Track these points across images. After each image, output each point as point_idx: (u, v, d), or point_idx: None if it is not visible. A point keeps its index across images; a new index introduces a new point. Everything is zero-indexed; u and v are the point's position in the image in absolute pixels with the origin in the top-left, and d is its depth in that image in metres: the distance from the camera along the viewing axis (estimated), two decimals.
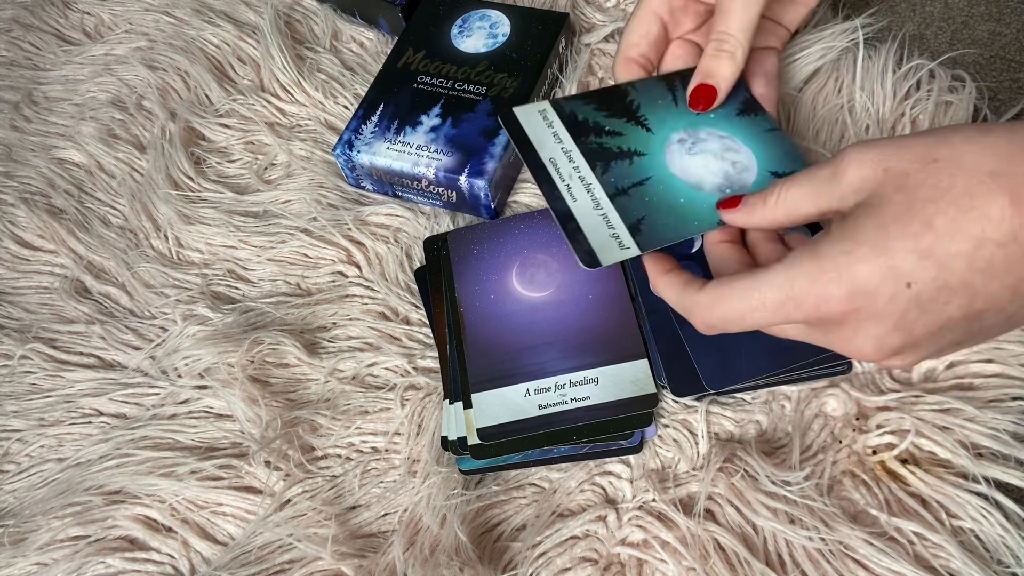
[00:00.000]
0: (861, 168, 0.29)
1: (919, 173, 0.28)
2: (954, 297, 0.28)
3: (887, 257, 0.28)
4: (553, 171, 0.38)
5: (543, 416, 0.41)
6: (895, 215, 0.28)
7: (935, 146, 0.28)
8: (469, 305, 0.46)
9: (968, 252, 0.27)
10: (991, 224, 0.27)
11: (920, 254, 0.27)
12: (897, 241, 0.28)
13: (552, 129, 0.39)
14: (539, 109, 0.40)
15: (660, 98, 0.42)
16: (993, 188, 0.27)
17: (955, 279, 0.27)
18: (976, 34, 0.55)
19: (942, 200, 0.27)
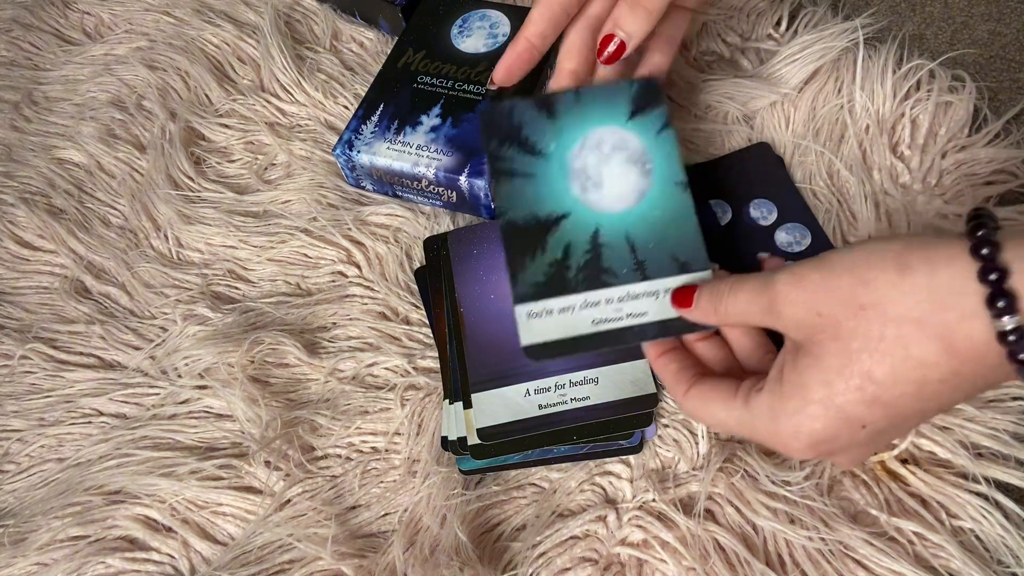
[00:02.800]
0: (796, 310, 0.30)
1: (849, 321, 0.29)
2: (909, 420, 0.30)
3: (837, 410, 0.29)
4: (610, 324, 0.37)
5: (543, 416, 0.41)
6: (836, 368, 0.29)
7: (859, 290, 0.29)
8: (469, 305, 0.46)
9: (913, 392, 0.28)
10: (930, 369, 0.28)
11: (867, 403, 0.29)
12: (842, 396, 0.29)
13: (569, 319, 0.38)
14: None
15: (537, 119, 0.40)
16: (923, 337, 0.27)
17: (907, 410, 0.29)
18: (976, 34, 0.55)
19: (876, 351, 0.28)
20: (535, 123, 0.40)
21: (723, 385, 0.34)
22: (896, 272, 0.28)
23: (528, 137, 0.40)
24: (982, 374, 0.28)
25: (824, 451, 0.31)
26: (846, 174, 0.48)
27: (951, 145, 0.49)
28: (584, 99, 0.40)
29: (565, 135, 0.40)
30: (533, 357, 0.36)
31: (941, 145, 0.49)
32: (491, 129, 0.40)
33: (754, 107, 0.52)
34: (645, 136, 0.40)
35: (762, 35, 0.56)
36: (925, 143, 0.49)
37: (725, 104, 0.52)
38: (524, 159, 0.40)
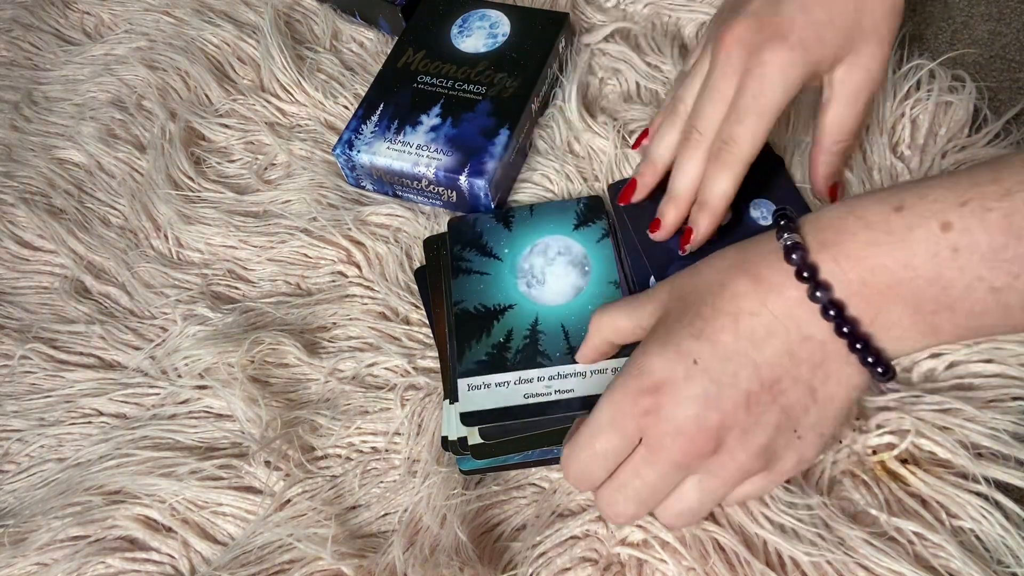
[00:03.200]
0: (659, 295, 0.36)
1: (688, 282, 0.35)
2: (739, 368, 0.32)
3: (671, 345, 0.33)
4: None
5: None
6: (675, 315, 0.34)
7: (698, 265, 0.36)
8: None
9: (729, 326, 0.32)
10: (741, 298, 0.33)
11: (694, 336, 0.33)
12: (675, 333, 0.33)
13: None
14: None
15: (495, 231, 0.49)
16: (736, 274, 0.33)
17: (728, 350, 0.32)
18: (976, 34, 0.55)
19: (705, 294, 0.34)
20: (493, 232, 0.49)
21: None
22: (718, 255, 0.36)
23: (487, 243, 0.48)
24: (790, 313, 0.32)
25: (665, 389, 0.32)
26: (847, 173, 0.48)
27: (951, 145, 0.49)
28: (537, 213, 0.49)
29: (518, 242, 0.48)
30: (468, 424, 0.41)
31: (941, 145, 0.49)
32: (457, 235, 0.49)
33: None
34: (587, 243, 0.48)
35: None
36: (925, 143, 0.49)
37: None
38: (482, 260, 0.48)
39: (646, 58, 0.56)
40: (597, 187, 0.51)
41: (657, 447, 0.33)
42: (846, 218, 0.31)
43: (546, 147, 0.54)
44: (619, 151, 0.52)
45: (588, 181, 0.52)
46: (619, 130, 0.52)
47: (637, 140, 0.51)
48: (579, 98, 0.54)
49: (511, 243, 0.48)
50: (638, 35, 0.58)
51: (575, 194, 0.51)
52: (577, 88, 0.54)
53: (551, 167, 0.53)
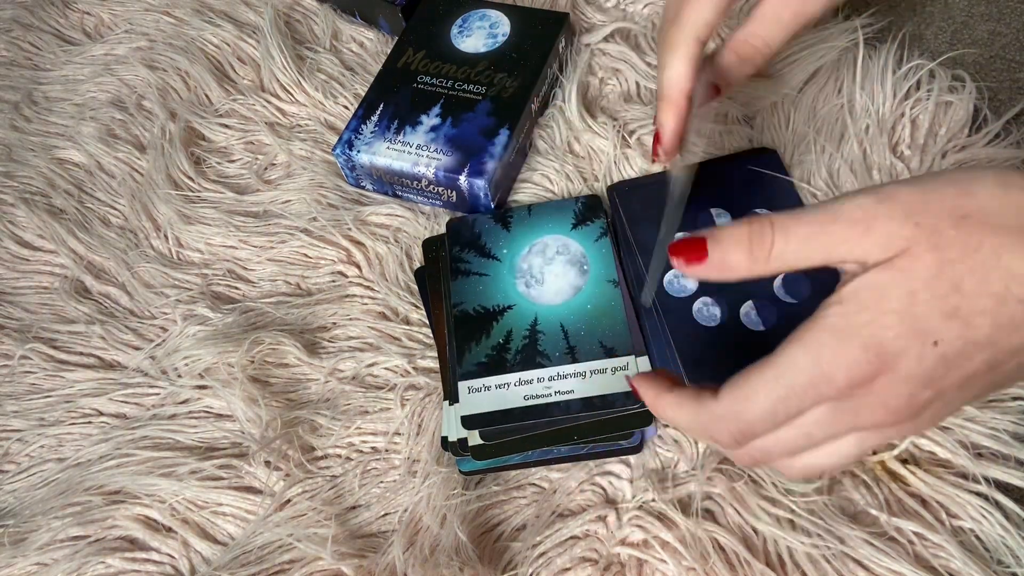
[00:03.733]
0: (890, 224, 0.28)
1: (951, 230, 0.27)
2: (978, 352, 0.28)
3: (913, 319, 0.27)
4: None
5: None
6: (925, 279, 0.27)
7: (962, 199, 0.27)
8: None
9: (992, 309, 0.27)
10: (1015, 281, 0.26)
11: (946, 314, 0.27)
12: (924, 306, 0.27)
13: None
14: None
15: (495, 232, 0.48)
16: (1018, 246, 0.26)
17: (980, 335, 0.27)
18: (976, 34, 0.54)
19: (971, 260, 0.27)
20: (492, 233, 0.49)
21: (754, 366, 0.30)
22: (999, 187, 0.27)
23: (485, 244, 0.48)
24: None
25: (889, 365, 0.27)
26: (847, 173, 0.48)
27: (951, 145, 0.49)
28: (535, 213, 0.49)
29: (516, 242, 0.48)
30: (469, 427, 0.41)
31: (941, 145, 0.49)
32: (455, 237, 0.49)
33: (754, 107, 0.52)
34: (585, 242, 0.47)
35: None
36: (925, 143, 0.49)
37: (725, 104, 0.52)
38: (480, 261, 0.48)
39: (646, 58, 0.56)
40: (597, 187, 0.51)
41: (850, 412, 0.29)
42: None
43: (546, 147, 0.54)
44: (619, 151, 0.52)
45: (588, 181, 0.52)
46: (619, 130, 0.52)
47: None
48: (579, 98, 0.54)
49: (510, 243, 0.48)
50: (638, 35, 0.58)
51: (575, 194, 0.51)
52: (577, 88, 0.54)
53: (551, 167, 0.53)
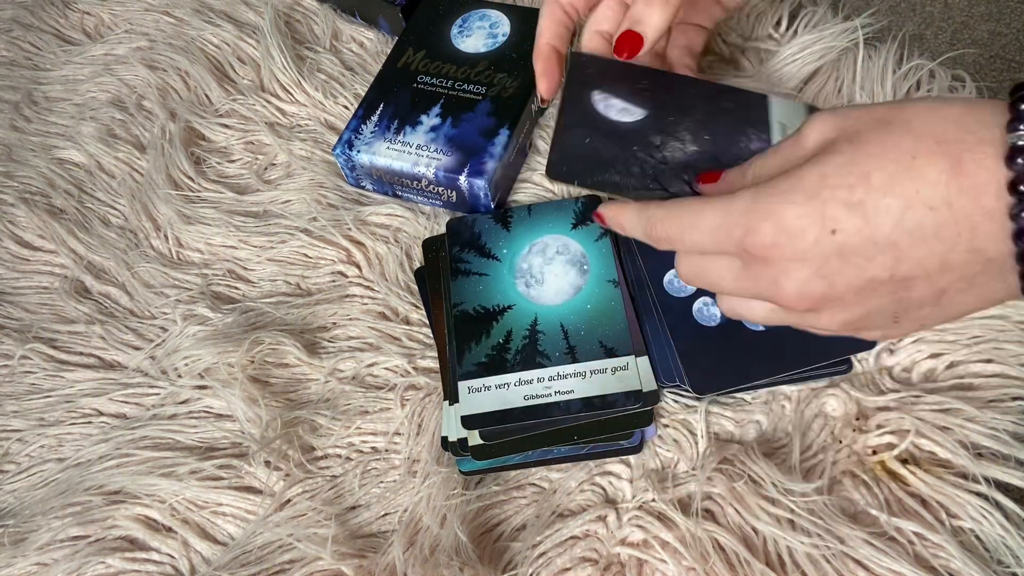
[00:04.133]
0: (822, 127, 0.30)
1: (871, 131, 0.28)
2: (878, 254, 0.28)
3: (818, 202, 0.28)
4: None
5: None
6: (837, 165, 0.28)
7: (894, 110, 0.29)
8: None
9: (898, 209, 0.27)
10: (926, 186, 0.27)
11: (850, 204, 0.28)
12: (831, 190, 0.28)
13: None
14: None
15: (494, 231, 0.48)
16: (936, 152, 0.27)
17: (880, 234, 0.28)
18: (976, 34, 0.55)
19: (883, 157, 0.28)
20: (492, 233, 0.49)
21: (696, 198, 0.33)
22: (935, 102, 0.28)
23: (485, 244, 0.48)
24: (971, 222, 0.27)
25: (784, 243, 0.29)
26: None
27: None
28: (535, 213, 0.49)
29: (516, 242, 0.48)
30: (469, 427, 0.41)
31: None
32: (455, 237, 0.49)
33: None
34: (585, 242, 0.47)
35: (762, 35, 0.56)
36: None
37: None
38: (480, 261, 0.48)
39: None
40: None
41: (751, 278, 0.31)
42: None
43: (546, 147, 0.54)
44: None
45: None
46: None
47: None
48: None
49: (509, 243, 0.48)
50: None
51: (575, 194, 0.51)
52: None
53: None
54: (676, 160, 0.38)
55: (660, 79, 0.41)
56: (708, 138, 0.39)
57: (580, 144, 0.39)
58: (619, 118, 0.40)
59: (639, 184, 0.38)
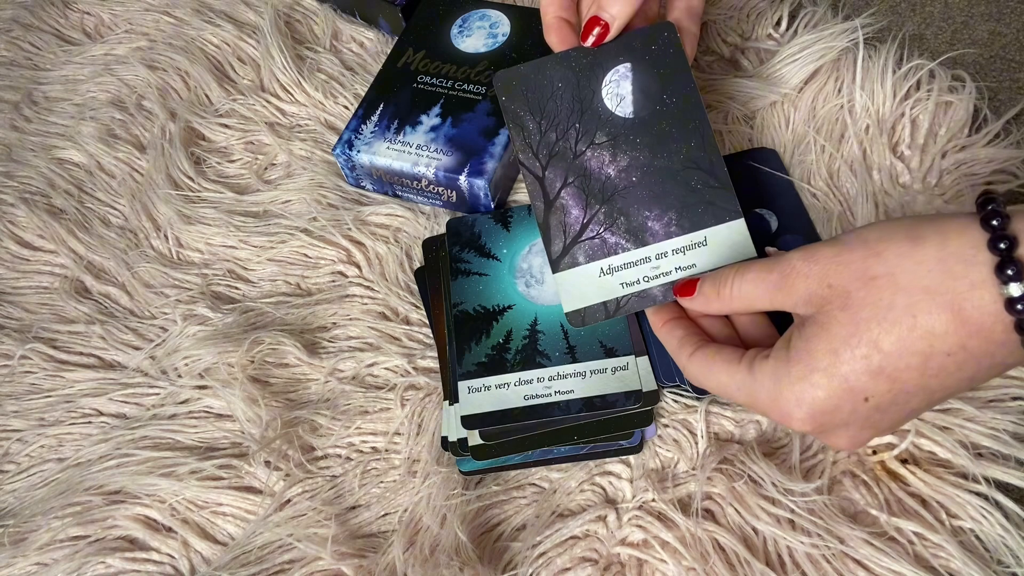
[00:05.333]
0: (808, 283, 0.31)
1: (860, 291, 0.29)
2: (912, 399, 0.30)
3: (841, 379, 0.29)
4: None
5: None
6: (843, 337, 0.29)
7: (871, 261, 0.29)
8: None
9: (918, 365, 0.28)
10: (937, 339, 0.28)
11: (872, 374, 0.29)
12: (847, 365, 0.29)
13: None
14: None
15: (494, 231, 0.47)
16: (933, 305, 0.27)
17: (910, 386, 0.29)
18: (976, 34, 0.55)
19: (884, 320, 0.28)
20: (492, 233, 0.48)
21: (727, 351, 0.34)
22: (908, 243, 0.28)
23: (485, 244, 0.48)
24: (989, 351, 0.28)
25: (824, 423, 0.31)
26: (847, 173, 0.48)
27: (951, 145, 0.49)
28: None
29: (516, 242, 0.48)
30: (469, 427, 0.41)
31: (941, 145, 0.49)
32: (455, 237, 0.49)
33: (754, 107, 0.52)
34: None
35: (762, 35, 0.56)
36: (925, 143, 0.49)
37: (725, 104, 0.52)
38: (480, 261, 0.47)
39: None
40: None
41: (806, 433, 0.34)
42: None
43: None
44: None
45: None
46: None
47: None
48: None
49: (509, 243, 0.48)
50: None
51: None
52: None
53: None
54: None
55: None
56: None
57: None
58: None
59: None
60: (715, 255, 0.39)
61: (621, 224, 0.39)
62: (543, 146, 0.40)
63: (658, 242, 0.39)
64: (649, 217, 0.39)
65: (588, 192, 0.39)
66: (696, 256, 0.39)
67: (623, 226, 0.39)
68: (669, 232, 0.39)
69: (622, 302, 0.38)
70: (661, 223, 0.39)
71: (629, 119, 0.40)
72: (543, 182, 0.40)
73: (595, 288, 0.39)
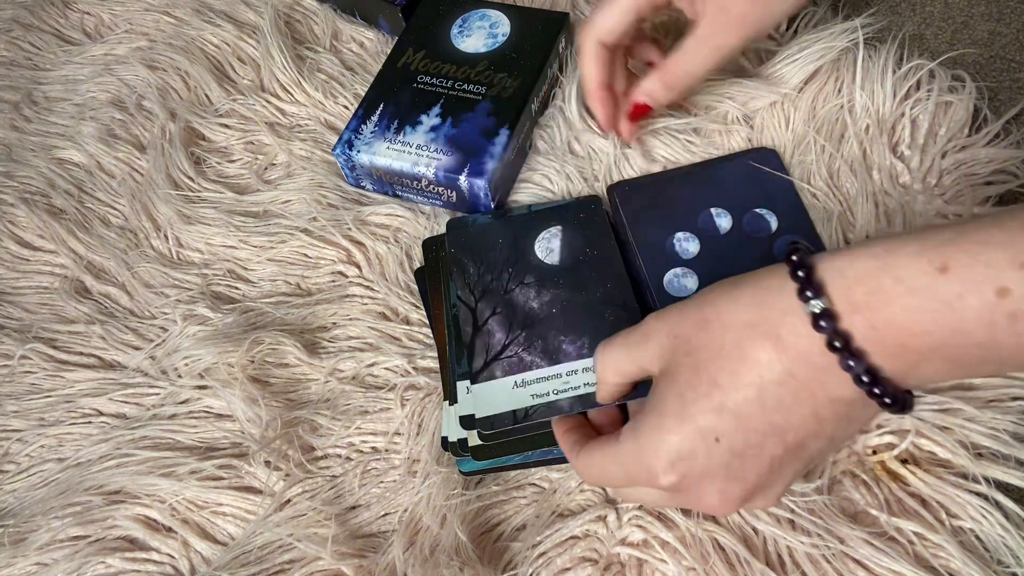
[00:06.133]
0: (659, 337, 0.33)
1: (698, 335, 0.31)
2: (765, 439, 0.30)
3: (689, 422, 0.31)
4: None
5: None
6: (687, 380, 0.31)
7: (704, 309, 0.32)
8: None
9: (754, 398, 0.30)
10: (763, 369, 0.29)
11: (715, 411, 0.30)
12: (693, 405, 0.31)
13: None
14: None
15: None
16: (755, 336, 0.30)
17: (755, 423, 0.30)
18: (976, 34, 0.54)
19: (719, 358, 0.30)
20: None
21: (605, 437, 0.35)
22: (730, 286, 0.32)
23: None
24: (818, 378, 0.29)
25: (686, 472, 0.31)
26: (847, 173, 0.48)
27: (951, 145, 0.49)
28: (535, 213, 0.49)
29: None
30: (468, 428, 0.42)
31: (941, 145, 0.49)
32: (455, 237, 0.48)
33: (754, 107, 0.52)
34: None
35: None
36: (925, 143, 0.49)
37: (725, 104, 0.52)
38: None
39: None
40: (597, 187, 0.51)
41: (677, 501, 0.35)
42: (880, 277, 0.27)
43: (546, 147, 0.54)
44: (619, 151, 0.52)
45: (588, 181, 0.52)
46: None
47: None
48: (579, 98, 0.54)
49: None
50: None
51: (575, 194, 0.51)
52: (577, 88, 0.54)
53: (551, 167, 0.53)
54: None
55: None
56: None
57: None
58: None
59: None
60: None
61: (538, 346, 0.43)
62: (479, 284, 0.45)
63: (570, 361, 0.42)
64: (564, 341, 0.43)
65: (512, 320, 0.44)
66: None
67: (539, 347, 0.43)
68: (581, 354, 0.43)
69: (531, 411, 0.41)
70: (575, 346, 0.43)
71: (556, 266, 0.46)
72: (475, 312, 0.45)
73: (507, 398, 0.42)
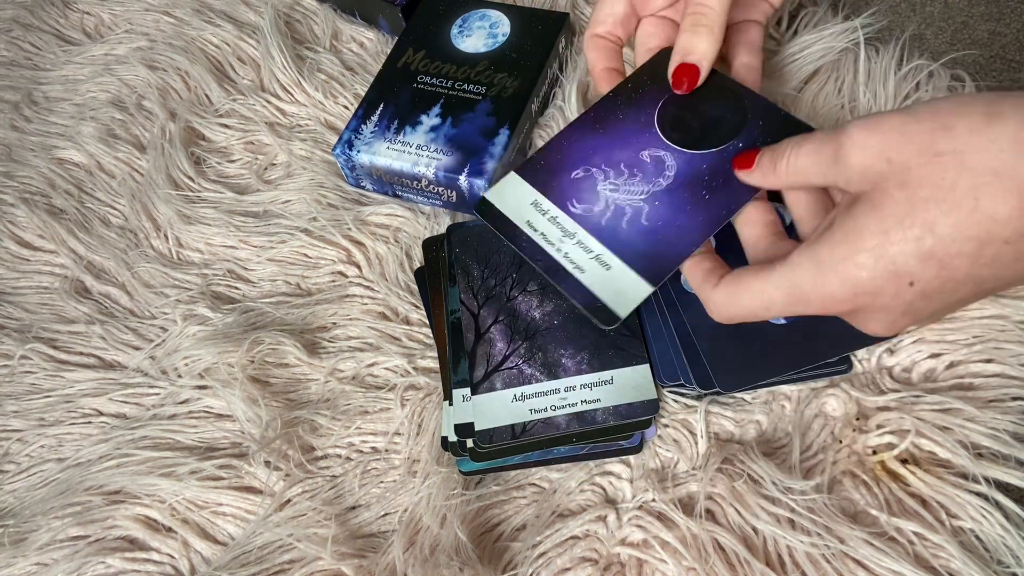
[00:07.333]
0: (864, 156, 0.28)
1: (922, 168, 0.27)
2: (960, 287, 0.28)
3: (888, 261, 0.28)
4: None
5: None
6: (897, 217, 0.27)
7: (938, 135, 0.27)
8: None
9: (972, 252, 0.27)
10: (997, 225, 0.26)
11: (921, 257, 0.27)
12: (896, 246, 0.28)
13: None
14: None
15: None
16: (998, 189, 0.26)
17: (960, 274, 0.27)
18: (976, 34, 0.55)
19: (944, 201, 0.26)
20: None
21: (754, 266, 0.33)
22: (983, 119, 0.26)
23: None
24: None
25: (863, 305, 0.29)
26: None
27: None
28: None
29: None
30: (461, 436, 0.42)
31: None
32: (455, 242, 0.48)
33: None
34: None
35: None
36: None
37: None
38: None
39: None
40: None
41: (839, 316, 0.31)
42: None
43: None
44: None
45: None
46: None
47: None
48: (579, 98, 0.54)
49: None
50: None
51: None
52: (577, 88, 0.54)
53: None
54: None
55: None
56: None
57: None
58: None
59: None
60: (619, 393, 0.42)
61: (538, 359, 0.43)
62: (482, 289, 0.46)
63: (568, 377, 0.43)
64: (564, 355, 0.43)
65: (513, 329, 0.44)
66: (601, 392, 0.42)
67: (540, 360, 0.43)
68: (580, 369, 0.43)
69: (528, 426, 0.41)
70: (574, 361, 0.43)
71: None
72: (477, 318, 0.45)
73: (506, 411, 0.42)
